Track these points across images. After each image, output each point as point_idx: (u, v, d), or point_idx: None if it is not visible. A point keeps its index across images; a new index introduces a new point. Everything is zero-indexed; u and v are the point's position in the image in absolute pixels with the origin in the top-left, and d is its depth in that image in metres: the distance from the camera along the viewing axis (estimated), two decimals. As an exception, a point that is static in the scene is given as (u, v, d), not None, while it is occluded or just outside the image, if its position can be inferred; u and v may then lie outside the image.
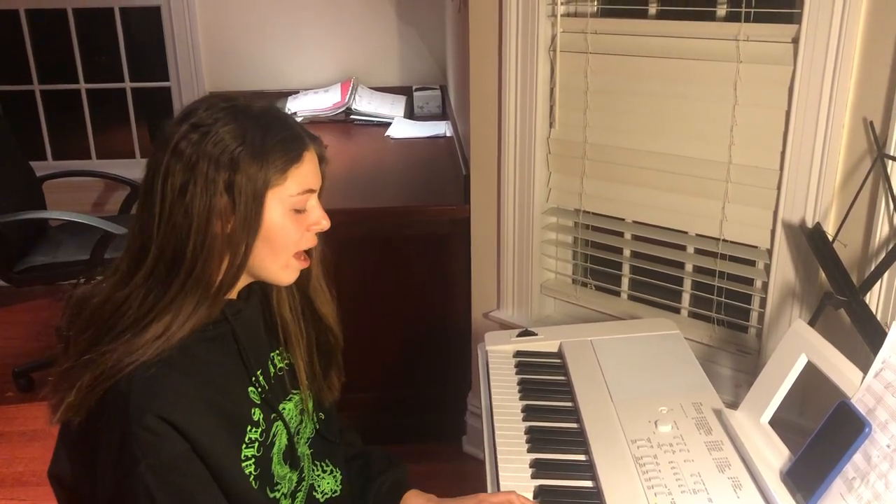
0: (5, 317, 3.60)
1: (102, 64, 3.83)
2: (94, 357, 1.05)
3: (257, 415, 1.17)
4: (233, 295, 1.17)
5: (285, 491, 1.24)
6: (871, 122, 1.57)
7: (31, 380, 3.04)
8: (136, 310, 1.07)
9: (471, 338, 2.53)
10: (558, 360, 1.64)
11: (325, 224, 1.17)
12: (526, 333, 1.72)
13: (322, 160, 1.18)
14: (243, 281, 1.16)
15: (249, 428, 1.15)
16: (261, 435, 1.17)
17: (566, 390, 1.54)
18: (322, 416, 1.36)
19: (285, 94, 3.68)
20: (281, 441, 1.22)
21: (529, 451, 1.38)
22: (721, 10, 1.81)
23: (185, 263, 1.07)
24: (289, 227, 1.13)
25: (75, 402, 1.06)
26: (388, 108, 3.59)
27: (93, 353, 1.06)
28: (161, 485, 1.03)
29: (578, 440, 1.39)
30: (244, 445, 1.14)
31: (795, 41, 1.64)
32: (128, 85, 3.85)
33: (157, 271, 1.08)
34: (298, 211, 1.13)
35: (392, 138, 3.30)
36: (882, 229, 1.59)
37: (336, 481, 1.37)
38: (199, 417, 1.06)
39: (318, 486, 1.35)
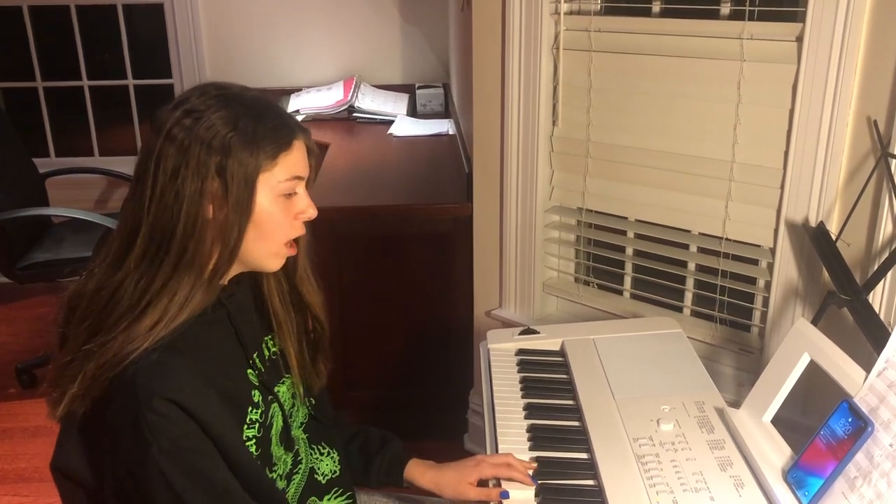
0: (8, 313, 3.61)
1: (105, 61, 3.83)
2: (94, 348, 1.06)
3: (257, 396, 1.20)
4: (223, 282, 1.18)
5: (281, 473, 1.26)
6: (875, 121, 1.57)
7: (34, 376, 3.05)
8: (130, 294, 1.08)
9: (473, 336, 2.53)
10: (560, 359, 1.64)
11: (312, 213, 1.19)
12: (528, 332, 1.72)
13: (311, 153, 1.20)
14: (234, 269, 1.17)
15: (250, 409, 1.18)
16: (260, 416, 1.19)
17: (568, 388, 1.54)
18: (313, 401, 1.39)
19: (288, 92, 3.68)
20: (277, 423, 1.25)
21: (531, 449, 1.38)
22: (725, 9, 1.81)
23: (174, 245, 1.08)
24: (277, 214, 1.14)
25: (80, 393, 1.07)
26: (390, 105, 3.59)
27: (92, 343, 1.07)
28: (174, 465, 1.04)
29: (580, 438, 1.39)
30: (245, 426, 1.16)
31: (799, 40, 1.63)
32: (130, 82, 3.85)
33: (148, 253, 1.09)
34: (287, 197, 1.15)
35: (395, 136, 3.30)
36: (885, 228, 1.59)
37: (334, 462, 1.40)
38: (204, 398, 1.07)
39: (319, 469, 1.37)
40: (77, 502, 1.21)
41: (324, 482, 1.37)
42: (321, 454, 1.39)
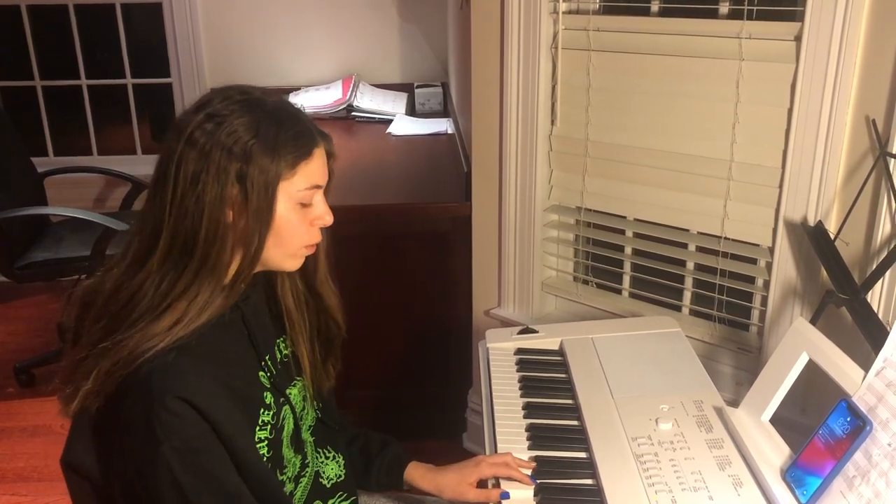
0: (6, 312, 3.61)
1: (104, 60, 3.83)
2: (109, 345, 1.06)
3: (269, 398, 1.20)
4: (244, 285, 1.18)
5: (290, 475, 1.26)
6: (874, 121, 1.57)
7: (33, 375, 3.05)
8: (151, 297, 1.08)
9: (472, 335, 2.53)
10: (559, 358, 1.64)
11: (329, 220, 1.19)
12: (527, 331, 1.72)
13: (331, 157, 1.21)
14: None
15: (262, 411, 1.18)
16: (272, 418, 1.19)
17: (567, 388, 1.54)
18: (320, 404, 1.39)
19: (287, 91, 3.67)
20: (289, 425, 1.25)
21: (530, 448, 1.39)
22: (724, 8, 1.81)
23: (197, 251, 1.08)
24: (294, 221, 1.14)
25: (94, 389, 1.07)
26: (389, 105, 3.59)
27: (108, 341, 1.07)
28: (184, 465, 1.04)
29: (579, 437, 1.40)
30: (258, 428, 1.16)
31: (798, 39, 1.63)
32: (129, 81, 3.85)
33: (170, 257, 1.09)
34: (304, 205, 1.15)
35: (393, 135, 3.30)
36: (884, 228, 1.59)
37: (339, 466, 1.40)
38: (217, 399, 1.08)
39: (324, 473, 1.37)
40: (86, 498, 1.21)
41: (328, 486, 1.37)
42: (326, 458, 1.38)
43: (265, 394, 1.20)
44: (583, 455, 1.36)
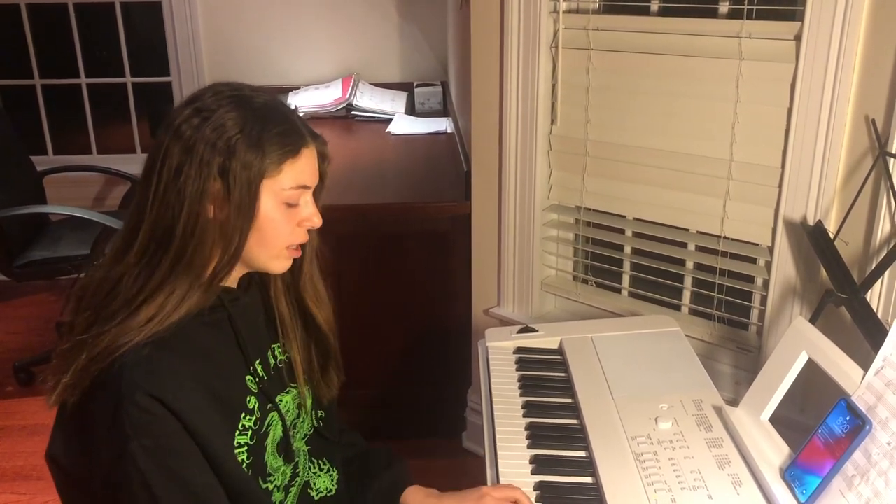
0: (6, 311, 3.60)
1: (103, 59, 3.83)
2: (88, 339, 1.06)
3: (252, 403, 1.17)
4: (232, 284, 1.18)
5: (279, 484, 1.23)
6: (873, 120, 1.57)
7: (32, 374, 3.05)
8: (128, 289, 1.08)
9: (471, 334, 2.53)
10: (559, 357, 1.65)
11: (317, 222, 1.18)
12: (526, 330, 1.72)
13: (324, 159, 1.19)
14: (239, 270, 1.17)
15: (243, 415, 1.16)
16: (255, 423, 1.17)
17: (566, 387, 1.54)
18: (322, 413, 1.36)
19: (286, 90, 3.68)
20: (275, 432, 1.22)
21: (529, 447, 1.39)
22: (723, 8, 1.81)
23: (174, 244, 1.08)
24: (279, 220, 1.13)
25: (71, 382, 1.06)
26: (389, 104, 3.59)
27: (88, 334, 1.06)
28: (152, 463, 1.03)
29: (579, 437, 1.40)
30: (237, 432, 1.14)
31: (798, 38, 1.63)
32: (129, 80, 3.85)
33: (148, 250, 1.09)
34: (290, 205, 1.14)
35: (393, 134, 3.30)
36: (883, 227, 1.59)
37: (332, 480, 1.37)
38: (191, 399, 1.06)
39: (314, 484, 1.34)
40: (69, 491, 1.20)
41: (316, 498, 1.33)
42: (320, 469, 1.35)
43: (249, 398, 1.17)
44: (582, 454, 1.36)
